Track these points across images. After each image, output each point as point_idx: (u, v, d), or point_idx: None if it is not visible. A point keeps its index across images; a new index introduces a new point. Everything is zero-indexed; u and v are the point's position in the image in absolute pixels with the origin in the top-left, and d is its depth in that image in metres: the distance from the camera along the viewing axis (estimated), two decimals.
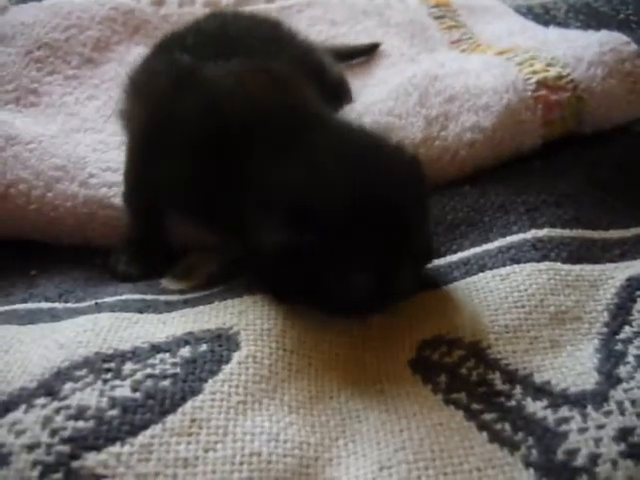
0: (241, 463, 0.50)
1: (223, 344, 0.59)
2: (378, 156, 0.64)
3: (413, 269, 0.64)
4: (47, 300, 0.71)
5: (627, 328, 0.63)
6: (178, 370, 0.56)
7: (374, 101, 0.88)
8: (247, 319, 0.62)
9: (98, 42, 1.05)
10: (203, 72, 0.73)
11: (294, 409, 0.56)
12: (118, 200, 0.79)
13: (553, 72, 0.88)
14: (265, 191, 0.63)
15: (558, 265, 0.68)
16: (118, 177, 0.80)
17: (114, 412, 0.52)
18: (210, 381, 0.56)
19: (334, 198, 0.59)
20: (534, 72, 0.88)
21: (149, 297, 0.69)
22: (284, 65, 0.76)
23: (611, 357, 0.60)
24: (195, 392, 0.55)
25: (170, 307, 0.66)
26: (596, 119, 0.88)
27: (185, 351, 0.58)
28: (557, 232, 0.73)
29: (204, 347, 0.59)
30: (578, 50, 0.90)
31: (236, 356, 0.58)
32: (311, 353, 0.61)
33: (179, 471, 0.49)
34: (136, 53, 0.96)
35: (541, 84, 0.86)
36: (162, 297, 0.69)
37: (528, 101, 0.85)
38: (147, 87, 0.78)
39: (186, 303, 0.67)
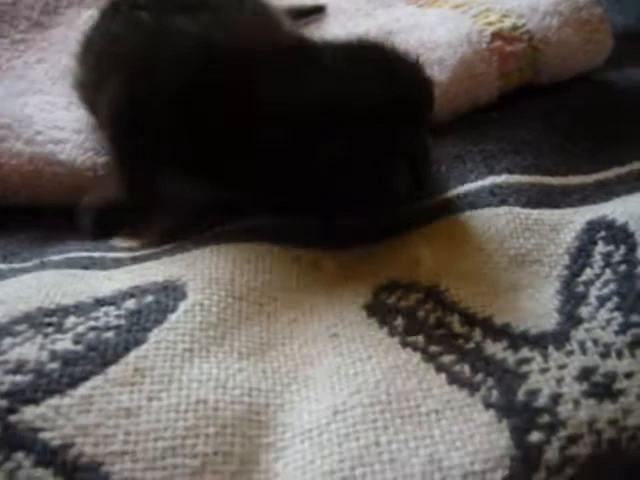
0: (186, 411, 0.48)
1: (169, 294, 0.57)
2: (391, 59, 0.65)
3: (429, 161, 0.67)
4: None
5: (588, 270, 0.62)
6: (122, 322, 0.54)
7: None
8: (195, 269, 0.60)
9: (47, 6, 1.03)
10: (175, 24, 0.71)
11: (244, 356, 0.54)
12: (65, 156, 0.77)
13: (508, 23, 0.86)
14: (291, 109, 0.62)
15: (517, 209, 0.67)
16: (65, 134, 0.79)
17: (54, 365, 0.50)
18: (155, 330, 0.54)
19: (364, 97, 0.61)
20: (489, 24, 0.86)
21: (96, 254, 0.67)
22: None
23: (572, 298, 0.59)
24: (139, 342, 0.53)
25: (117, 264, 0.65)
26: (553, 69, 0.87)
27: (130, 303, 0.56)
28: (515, 178, 0.72)
29: (150, 298, 0.57)
30: (534, 0, 0.89)
31: (182, 305, 0.56)
32: (262, 299, 0.59)
33: (121, 421, 0.47)
34: (86, 17, 0.94)
35: (496, 36, 0.85)
36: (110, 254, 0.67)
37: (483, 53, 0.84)
38: (115, 52, 0.74)
39: (134, 260, 0.65)
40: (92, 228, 0.72)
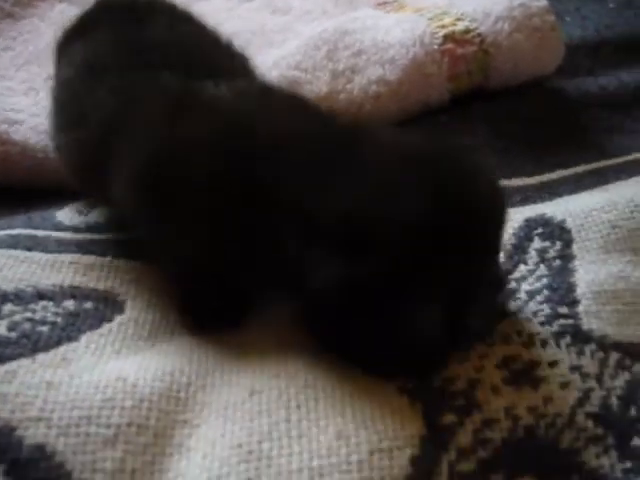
0: (106, 386, 0.50)
1: (108, 306, 0.60)
2: (452, 170, 0.51)
3: (487, 302, 0.55)
4: None
5: (522, 267, 0.63)
6: (59, 319, 0.57)
7: (283, 55, 0.88)
8: (136, 289, 0.62)
9: None
10: (210, 92, 0.59)
11: (171, 353, 0.56)
12: (19, 137, 0.81)
13: (461, 26, 0.88)
14: (311, 220, 0.51)
15: None
16: (21, 117, 0.83)
17: None
18: (88, 333, 0.56)
19: (400, 220, 0.48)
20: (442, 26, 0.88)
21: (40, 233, 0.68)
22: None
23: (503, 295, 0.60)
24: (71, 339, 0.55)
25: (61, 247, 0.66)
26: (503, 74, 0.89)
27: (69, 304, 0.59)
28: None
29: (89, 304, 0.59)
30: (488, 5, 0.90)
31: (119, 318, 0.59)
32: None
33: (41, 392, 0.49)
34: (59, 10, 0.97)
35: (448, 38, 0.87)
36: (54, 234, 0.68)
37: (434, 54, 0.85)
38: (130, 115, 0.60)
39: (79, 247, 0.67)
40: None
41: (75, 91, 0.66)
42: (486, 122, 0.84)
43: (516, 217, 0.68)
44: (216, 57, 0.68)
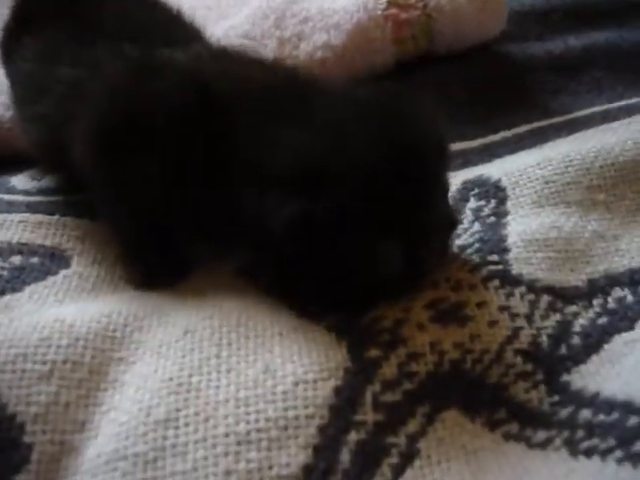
0: (43, 327, 0.52)
1: (54, 261, 0.62)
2: (399, 111, 0.55)
3: (440, 239, 0.57)
4: None
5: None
6: (5, 273, 0.60)
7: (233, 25, 0.89)
8: (83, 246, 0.64)
9: None
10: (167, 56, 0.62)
11: (113, 301, 0.58)
12: None
13: None
14: (267, 166, 0.53)
15: None
16: None
17: None
18: (32, 285, 0.59)
19: (353, 156, 0.51)
20: None
21: None
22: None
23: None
24: (15, 290, 0.58)
25: (11, 208, 0.68)
26: (447, 38, 0.90)
27: (16, 259, 0.61)
28: None
29: (35, 259, 0.62)
30: None
31: (63, 272, 0.61)
32: None
33: None
34: None
35: (392, 3, 0.89)
36: (6, 196, 0.71)
37: (378, 19, 0.87)
38: (89, 87, 0.62)
39: (28, 207, 0.69)
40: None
41: (33, 68, 0.69)
42: (432, 87, 0.85)
43: (455, 180, 0.69)
44: (170, 27, 0.70)
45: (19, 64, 0.71)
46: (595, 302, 0.56)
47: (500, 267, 0.58)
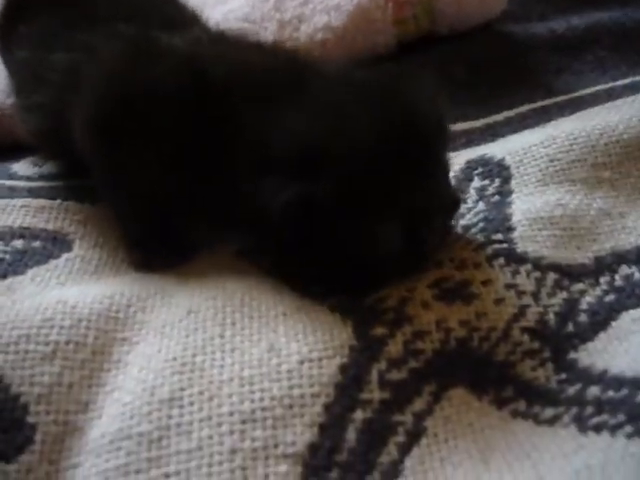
0: (46, 308, 0.52)
1: (56, 245, 0.62)
2: (398, 92, 0.55)
3: (442, 220, 0.57)
4: None
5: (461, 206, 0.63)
6: (7, 256, 0.60)
7: (232, 9, 0.88)
8: (85, 230, 0.64)
9: None
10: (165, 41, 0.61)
11: (115, 283, 0.57)
12: None
13: None
14: (266, 149, 0.53)
15: None
16: None
17: None
18: (35, 268, 0.59)
19: (352, 138, 0.51)
20: None
21: None
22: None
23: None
24: (17, 273, 0.58)
25: (13, 193, 0.68)
26: (449, 18, 0.90)
27: (18, 243, 0.61)
28: None
29: (37, 243, 0.61)
30: None
31: (65, 255, 0.61)
32: None
33: None
34: None
35: None
36: (8, 182, 0.71)
37: (378, 0, 0.86)
38: (86, 72, 0.61)
39: (30, 192, 0.69)
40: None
41: (29, 56, 0.68)
42: (434, 67, 0.84)
43: (458, 160, 0.69)
44: (168, 10, 0.70)
45: (15, 53, 0.70)
46: (602, 280, 0.56)
47: (505, 245, 0.57)
